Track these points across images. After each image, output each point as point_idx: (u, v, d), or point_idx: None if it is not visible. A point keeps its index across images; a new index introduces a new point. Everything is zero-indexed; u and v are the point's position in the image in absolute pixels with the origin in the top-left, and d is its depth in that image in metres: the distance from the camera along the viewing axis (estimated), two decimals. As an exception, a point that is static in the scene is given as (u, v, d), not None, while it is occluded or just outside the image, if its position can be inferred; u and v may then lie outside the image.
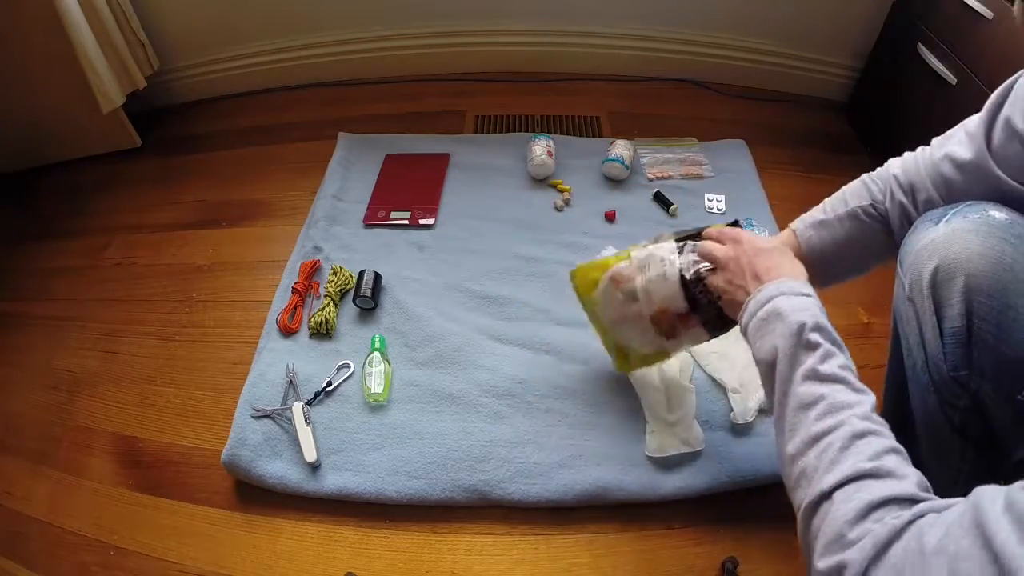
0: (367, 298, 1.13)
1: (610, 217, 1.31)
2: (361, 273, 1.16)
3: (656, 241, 0.86)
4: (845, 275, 0.79)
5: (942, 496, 0.65)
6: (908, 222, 0.68)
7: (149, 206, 1.48)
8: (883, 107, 1.51)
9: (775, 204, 1.34)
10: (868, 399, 0.52)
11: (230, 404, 1.03)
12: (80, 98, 1.46)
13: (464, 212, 1.34)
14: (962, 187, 0.64)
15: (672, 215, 1.31)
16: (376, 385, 1.00)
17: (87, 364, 1.16)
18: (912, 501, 0.44)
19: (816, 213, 0.78)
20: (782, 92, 1.72)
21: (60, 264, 1.36)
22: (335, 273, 1.18)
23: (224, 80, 1.78)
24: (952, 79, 1.21)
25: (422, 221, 1.32)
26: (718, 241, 0.75)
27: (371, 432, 0.98)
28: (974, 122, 0.64)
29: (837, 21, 1.58)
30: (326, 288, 1.16)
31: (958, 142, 0.65)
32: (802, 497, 0.50)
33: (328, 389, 1.03)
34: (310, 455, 0.93)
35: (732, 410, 0.97)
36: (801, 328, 0.56)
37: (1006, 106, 0.61)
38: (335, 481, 0.93)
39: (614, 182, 1.40)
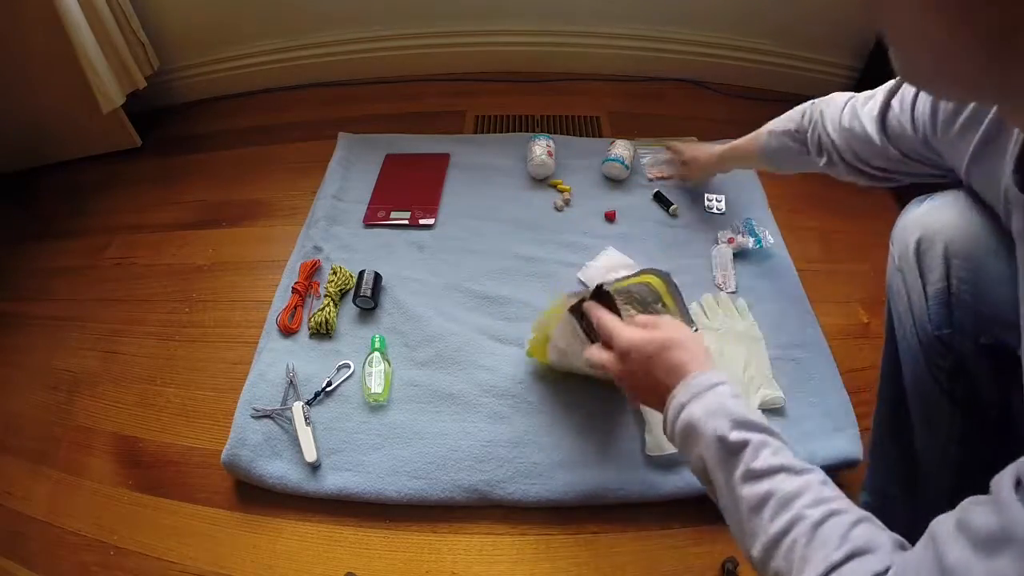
0: (367, 298, 1.13)
1: (610, 217, 1.31)
2: (361, 273, 1.16)
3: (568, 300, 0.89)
4: (791, 170, 1.05)
5: (934, 472, 0.68)
6: (820, 151, 0.87)
7: (149, 206, 1.48)
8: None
9: (775, 204, 1.34)
10: (814, 477, 0.52)
11: (230, 404, 1.03)
12: (80, 98, 1.46)
13: (464, 212, 1.34)
14: (865, 155, 0.79)
15: (672, 215, 1.31)
16: (376, 385, 1.00)
17: (87, 364, 1.16)
18: (887, 570, 0.44)
19: (772, 123, 1.01)
20: (782, 92, 1.72)
21: (60, 264, 1.36)
22: (335, 273, 1.18)
23: (224, 80, 1.78)
24: (952, 79, 1.21)
25: (422, 221, 1.32)
26: (604, 339, 0.75)
27: (371, 432, 0.98)
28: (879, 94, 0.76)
29: (837, 21, 1.58)
30: (326, 288, 1.16)
31: (868, 114, 0.77)
32: None
33: (328, 389, 1.03)
34: (310, 455, 0.94)
35: (732, 410, 0.97)
36: (721, 435, 0.56)
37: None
38: (335, 481, 0.93)
39: (614, 182, 1.40)
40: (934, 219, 0.65)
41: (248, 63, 1.76)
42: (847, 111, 0.81)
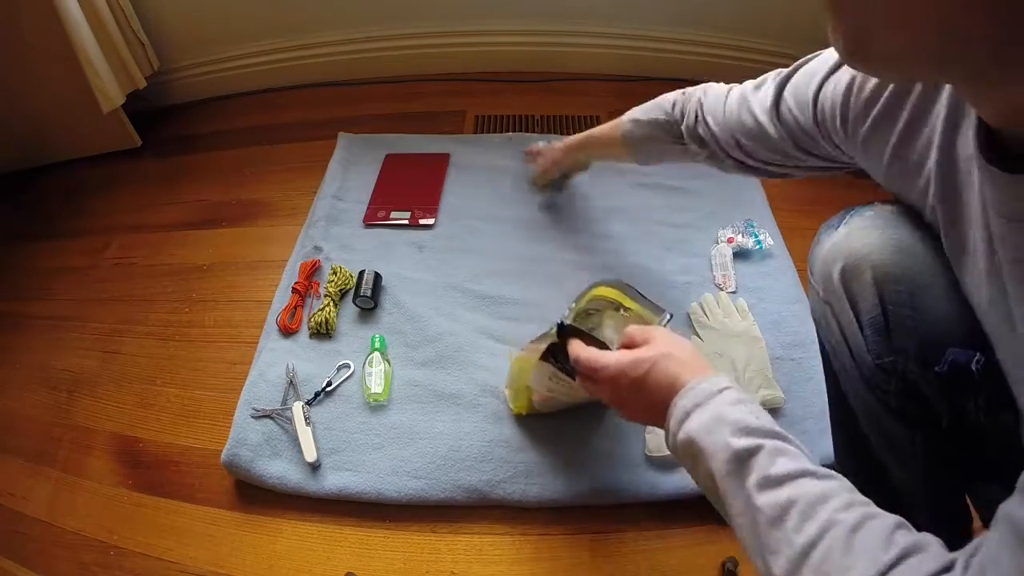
0: (367, 298, 1.13)
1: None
2: (361, 273, 1.16)
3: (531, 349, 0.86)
4: (657, 162, 1.00)
5: (908, 494, 0.66)
6: (702, 143, 0.83)
7: (149, 206, 1.48)
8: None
9: (775, 204, 1.34)
10: (841, 483, 0.48)
11: (230, 404, 1.03)
12: (80, 98, 1.46)
13: (464, 212, 1.34)
14: (752, 148, 0.75)
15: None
16: (376, 385, 1.00)
17: (87, 364, 1.16)
18: (949, 567, 0.40)
19: (635, 111, 0.95)
20: (782, 92, 1.72)
21: (60, 264, 1.36)
22: (335, 273, 1.18)
23: (224, 80, 1.78)
24: (952, 79, 1.21)
25: (422, 221, 1.32)
26: (587, 375, 0.69)
27: (371, 432, 0.98)
28: (769, 86, 0.72)
29: (837, 21, 1.58)
30: (326, 288, 1.16)
31: (759, 105, 0.73)
32: None
33: (328, 389, 1.03)
34: (310, 455, 0.93)
35: (732, 410, 0.97)
36: (727, 443, 0.51)
37: (798, 73, 0.68)
38: (335, 481, 0.93)
39: (614, 181, 1.39)
40: (856, 244, 0.59)
41: (248, 63, 1.76)
42: (734, 101, 0.77)
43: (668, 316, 0.79)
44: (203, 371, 1.13)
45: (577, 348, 0.70)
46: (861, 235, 0.59)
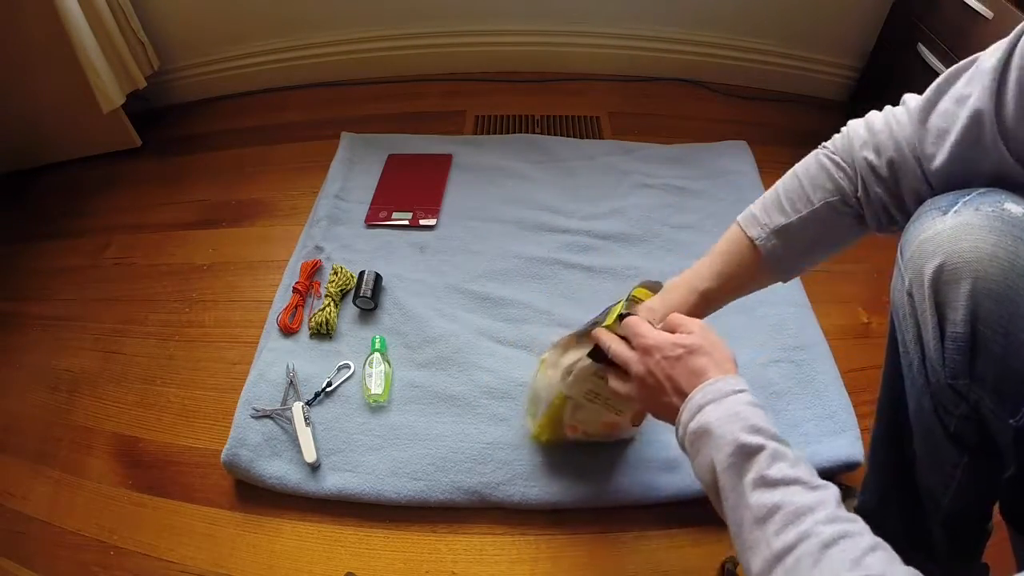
0: (367, 299, 1.13)
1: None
2: (361, 274, 1.16)
3: (562, 348, 0.83)
4: (808, 269, 0.72)
5: (932, 501, 0.63)
6: (889, 217, 0.61)
7: (149, 206, 1.48)
8: (883, 107, 1.50)
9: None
10: (830, 494, 0.48)
11: (230, 404, 1.03)
12: (80, 98, 1.46)
13: (466, 213, 1.34)
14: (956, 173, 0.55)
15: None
16: (376, 386, 1.00)
17: (87, 364, 1.16)
18: None
19: (774, 214, 0.67)
20: (782, 92, 1.72)
21: (60, 264, 1.36)
22: (336, 273, 1.18)
23: (224, 80, 1.78)
24: (952, 79, 1.20)
25: (423, 222, 1.32)
26: (627, 340, 0.68)
27: (371, 433, 0.98)
28: (977, 86, 0.53)
29: (837, 21, 1.58)
30: (327, 288, 1.16)
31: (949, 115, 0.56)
32: None
33: (328, 389, 1.03)
34: (310, 455, 0.93)
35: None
36: (735, 438, 0.52)
37: (1015, 61, 0.50)
38: (335, 482, 0.93)
39: (614, 182, 1.39)
40: (963, 244, 0.49)
41: (248, 63, 1.76)
42: (900, 125, 0.61)
43: None
44: (203, 371, 1.13)
45: (609, 337, 0.71)
46: (972, 235, 0.49)
